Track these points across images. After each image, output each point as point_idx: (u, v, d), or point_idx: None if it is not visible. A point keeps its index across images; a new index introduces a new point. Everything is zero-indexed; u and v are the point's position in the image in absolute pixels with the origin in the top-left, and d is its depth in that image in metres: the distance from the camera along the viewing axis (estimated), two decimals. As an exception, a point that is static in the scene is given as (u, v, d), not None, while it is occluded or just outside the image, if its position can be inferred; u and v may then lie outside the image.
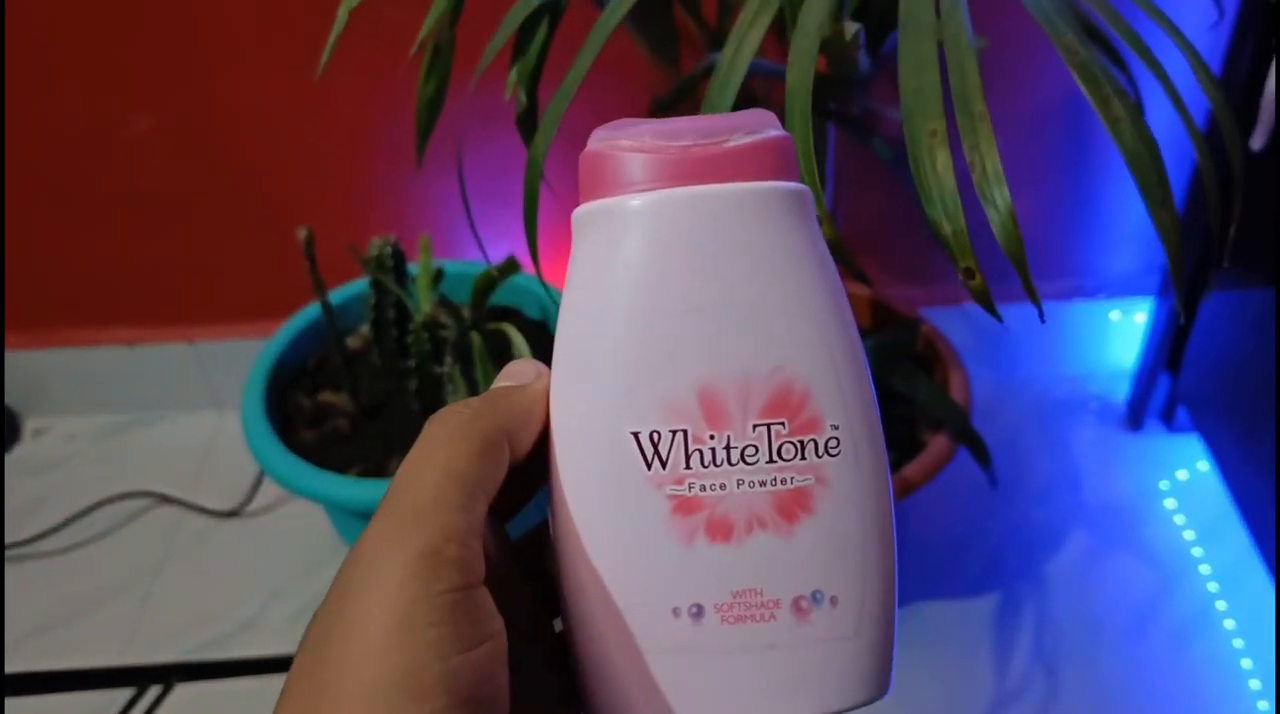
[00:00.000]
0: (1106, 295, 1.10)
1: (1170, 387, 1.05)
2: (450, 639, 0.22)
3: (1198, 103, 0.62)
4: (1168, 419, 1.08)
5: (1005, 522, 1.01)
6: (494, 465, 0.25)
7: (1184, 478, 1.04)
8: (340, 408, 0.90)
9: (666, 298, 0.25)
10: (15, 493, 1.08)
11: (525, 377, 0.28)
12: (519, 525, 0.30)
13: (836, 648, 0.26)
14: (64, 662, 0.89)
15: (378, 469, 0.85)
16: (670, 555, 0.25)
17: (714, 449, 0.25)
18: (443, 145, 0.69)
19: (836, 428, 0.25)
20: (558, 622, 0.28)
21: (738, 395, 0.25)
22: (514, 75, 0.53)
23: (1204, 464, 1.04)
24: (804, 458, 0.25)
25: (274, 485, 1.04)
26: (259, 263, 1.05)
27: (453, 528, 0.23)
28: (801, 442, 0.25)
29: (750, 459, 0.25)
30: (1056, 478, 1.05)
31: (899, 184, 0.94)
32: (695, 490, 0.25)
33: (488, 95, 0.61)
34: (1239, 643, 0.89)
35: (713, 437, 0.25)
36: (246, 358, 0.92)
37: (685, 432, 0.25)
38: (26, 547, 1.01)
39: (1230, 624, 0.91)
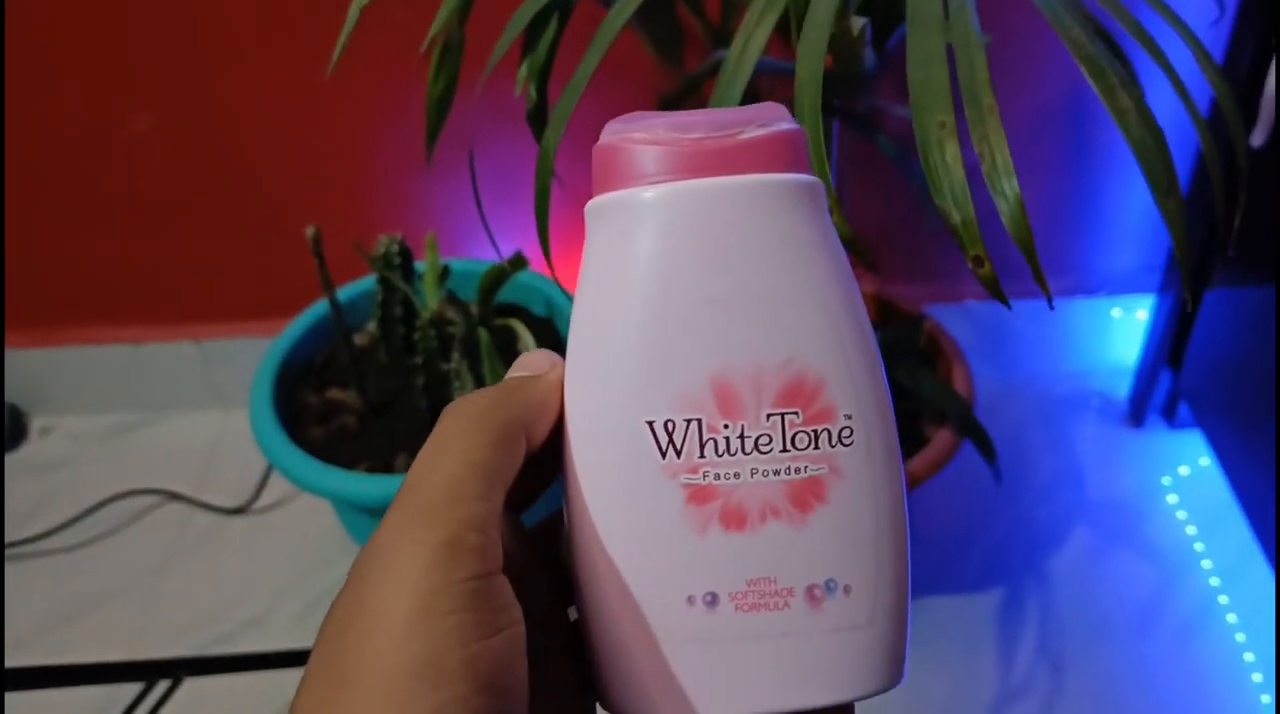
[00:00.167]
0: (1108, 292, 1.10)
1: (1172, 383, 1.05)
2: (470, 627, 0.22)
3: (1199, 96, 0.63)
4: (1169, 415, 1.09)
5: (1008, 518, 1.01)
6: (511, 455, 0.25)
7: (1186, 474, 1.04)
8: (348, 405, 0.91)
9: (680, 289, 0.25)
10: (22, 492, 1.08)
11: (540, 367, 0.28)
12: (532, 515, 0.31)
13: (850, 637, 0.26)
14: (71, 659, 0.89)
15: (385, 465, 0.85)
16: (685, 544, 0.25)
17: (728, 438, 0.25)
18: (450, 143, 0.69)
19: (849, 418, 0.26)
20: (572, 610, 0.29)
21: (751, 385, 0.25)
22: (524, 71, 0.54)
23: (1205, 460, 1.05)
24: (817, 447, 0.25)
25: (281, 482, 1.05)
26: (264, 261, 1.06)
27: (472, 517, 0.23)
28: (815, 431, 0.25)
29: (764, 448, 0.25)
30: (1059, 474, 1.05)
31: (902, 181, 0.95)
32: (709, 479, 0.25)
33: (494, 95, 0.61)
34: (1241, 637, 0.90)
35: (727, 426, 0.25)
36: (252, 356, 0.92)
37: (700, 421, 0.25)
38: (33, 545, 1.02)
39: (1232, 618, 0.91)
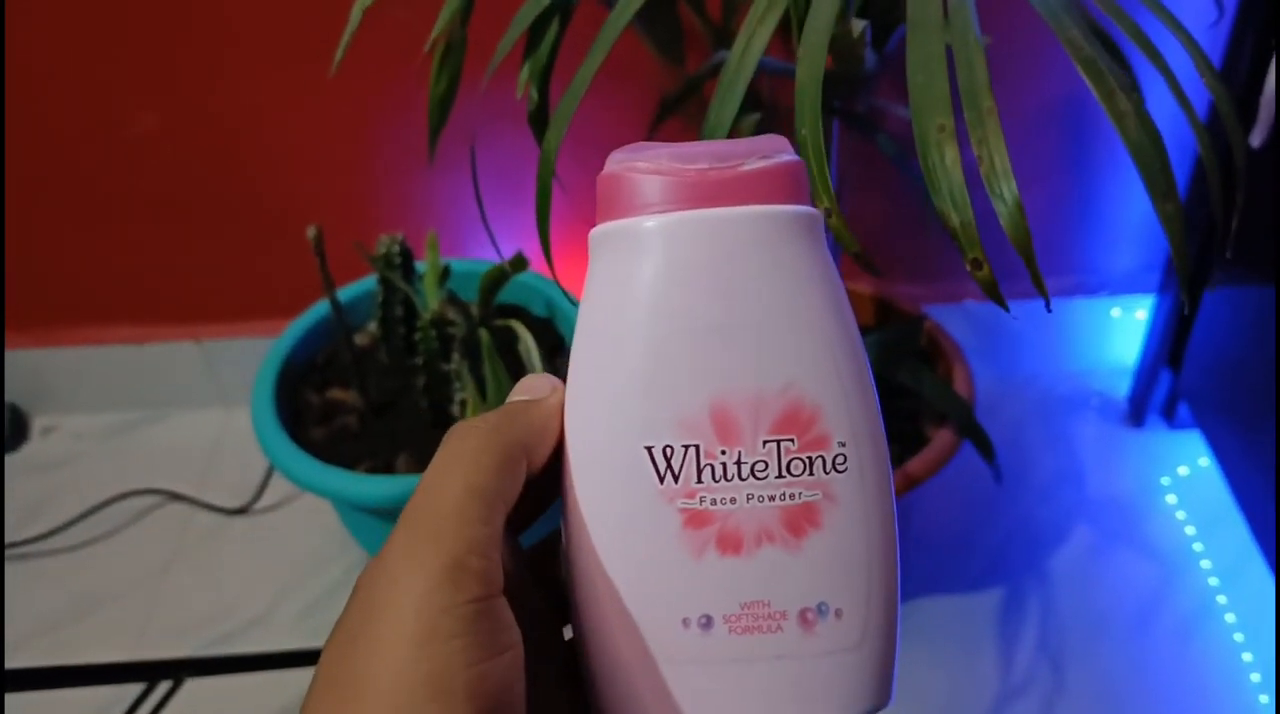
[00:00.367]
0: (1108, 292, 1.11)
1: (1171, 383, 1.06)
2: (474, 648, 0.23)
3: (1198, 98, 0.63)
4: (1169, 415, 1.09)
5: (1008, 517, 1.01)
6: (512, 479, 0.26)
7: (1185, 474, 1.05)
8: (349, 405, 0.91)
9: (681, 317, 0.26)
10: (23, 491, 1.09)
11: (541, 391, 0.28)
12: (530, 534, 0.31)
13: (840, 659, 0.27)
14: (73, 659, 0.89)
15: (386, 466, 0.85)
16: (681, 567, 0.26)
17: (725, 464, 0.26)
18: (451, 143, 0.69)
19: (844, 445, 0.26)
20: (568, 630, 0.29)
21: (749, 412, 0.26)
22: (525, 73, 0.54)
23: (1205, 460, 1.05)
24: (812, 474, 0.26)
25: (282, 482, 1.05)
26: (266, 261, 1.06)
27: (474, 541, 0.24)
28: (810, 458, 0.26)
29: (760, 474, 0.26)
30: (1059, 474, 1.06)
31: (902, 182, 0.95)
32: (706, 504, 0.26)
33: (495, 95, 0.62)
34: (1239, 637, 0.90)
35: (724, 452, 0.26)
36: (253, 356, 0.93)
37: (697, 447, 0.26)
38: (35, 545, 1.02)
39: (1231, 618, 0.92)
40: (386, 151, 0.99)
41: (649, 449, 0.26)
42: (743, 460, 0.26)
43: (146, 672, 0.81)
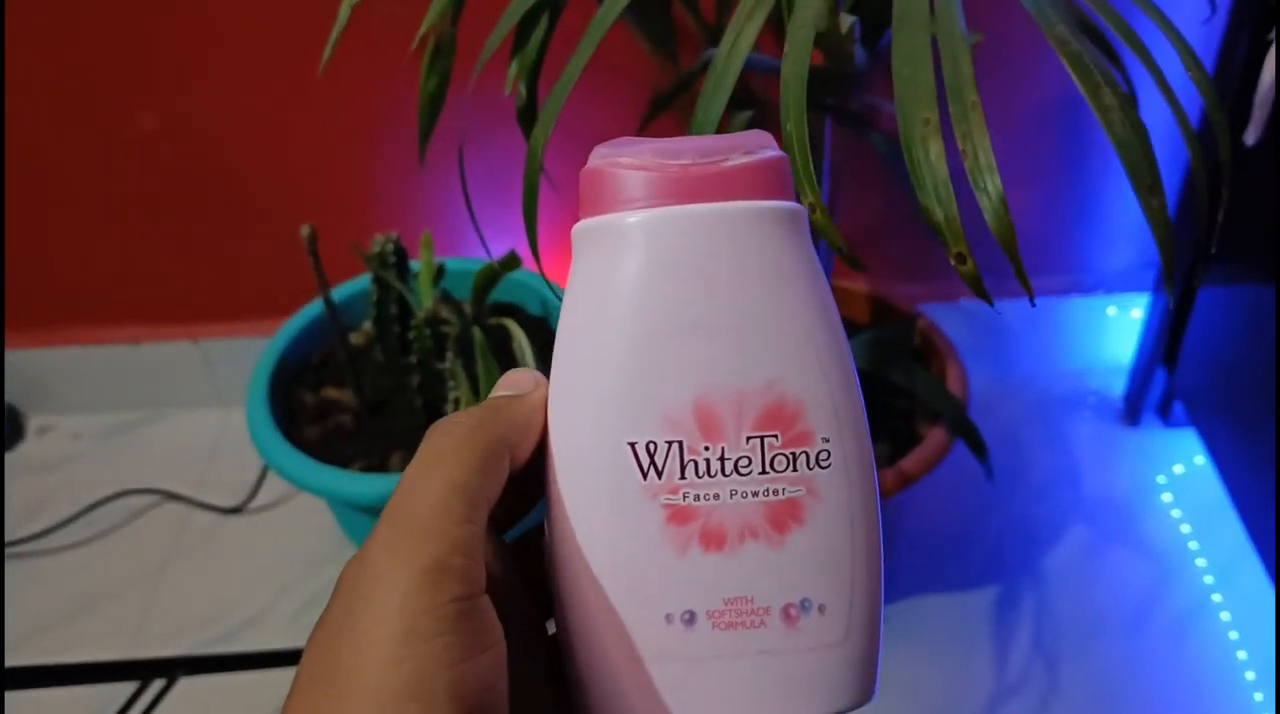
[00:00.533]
0: (1104, 291, 1.11)
1: (1167, 382, 1.06)
2: (456, 648, 0.23)
3: (1194, 96, 0.63)
4: (1164, 414, 1.09)
5: (1004, 516, 1.01)
6: (495, 475, 0.26)
7: (1181, 472, 1.05)
8: (344, 404, 0.91)
9: (664, 312, 0.26)
10: (20, 491, 1.09)
11: (524, 386, 0.28)
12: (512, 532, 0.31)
13: (823, 654, 0.27)
14: (69, 658, 0.89)
15: (381, 464, 0.85)
16: (664, 563, 0.26)
17: (708, 460, 0.26)
18: (445, 142, 0.69)
19: (827, 441, 0.26)
20: (551, 625, 0.29)
21: (732, 408, 0.26)
22: (514, 69, 0.54)
23: (1200, 458, 1.05)
24: (795, 470, 0.26)
25: (278, 482, 1.05)
26: (262, 260, 1.06)
27: (457, 539, 0.24)
28: (793, 454, 0.26)
29: (744, 470, 0.26)
30: (1055, 473, 1.06)
31: (897, 180, 0.95)
32: (690, 500, 0.26)
33: (489, 94, 0.62)
34: (1235, 635, 0.90)
35: (707, 448, 0.26)
36: (251, 355, 0.93)
37: (681, 443, 0.26)
38: (31, 544, 1.02)
39: (1226, 616, 0.91)
40: (381, 151, 0.99)
41: (632, 445, 0.26)
42: (726, 456, 0.26)
43: (140, 670, 0.81)
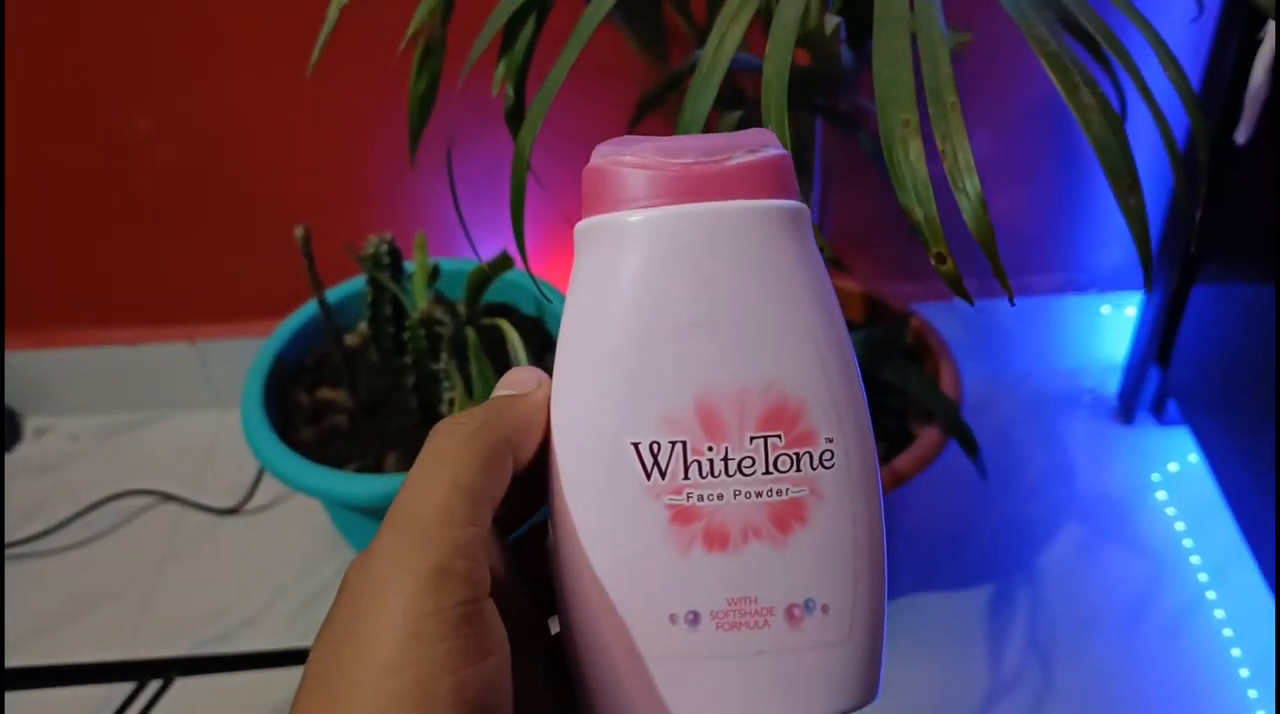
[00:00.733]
0: (1097, 290, 1.11)
1: (1160, 380, 1.06)
2: (459, 653, 0.23)
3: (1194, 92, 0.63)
4: (1158, 412, 1.09)
5: (999, 515, 1.02)
6: (498, 476, 0.26)
7: (1175, 470, 1.05)
8: (339, 404, 0.91)
9: (667, 312, 0.26)
10: (17, 492, 1.09)
11: (526, 385, 0.28)
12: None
13: (827, 654, 0.27)
14: (67, 659, 0.90)
15: (376, 465, 0.86)
16: (668, 564, 0.26)
17: (712, 460, 0.26)
18: (438, 143, 0.70)
19: (830, 441, 0.26)
20: (554, 622, 0.29)
21: (735, 408, 0.26)
22: (501, 70, 0.54)
23: (1194, 456, 1.05)
24: (799, 470, 0.26)
25: (274, 483, 1.05)
26: (259, 262, 1.06)
27: (461, 542, 0.24)
28: (797, 454, 0.26)
29: (747, 470, 0.26)
30: (1049, 471, 1.06)
31: (888, 180, 0.95)
32: (693, 500, 0.26)
33: (481, 94, 0.62)
34: (1229, 632, 0.90)
35: (711, 448, 0.26)
36: (247, 356, 0.93)
37: (684, 443, 0.26)
38: (29, 545, 1.02)
39: (1220, 614, 0.92)
40: (375, 152, 0.99)
41: (635, 445, 0.26)
42: (730, 457, 0.26)
43: (137, 671, 0.82)
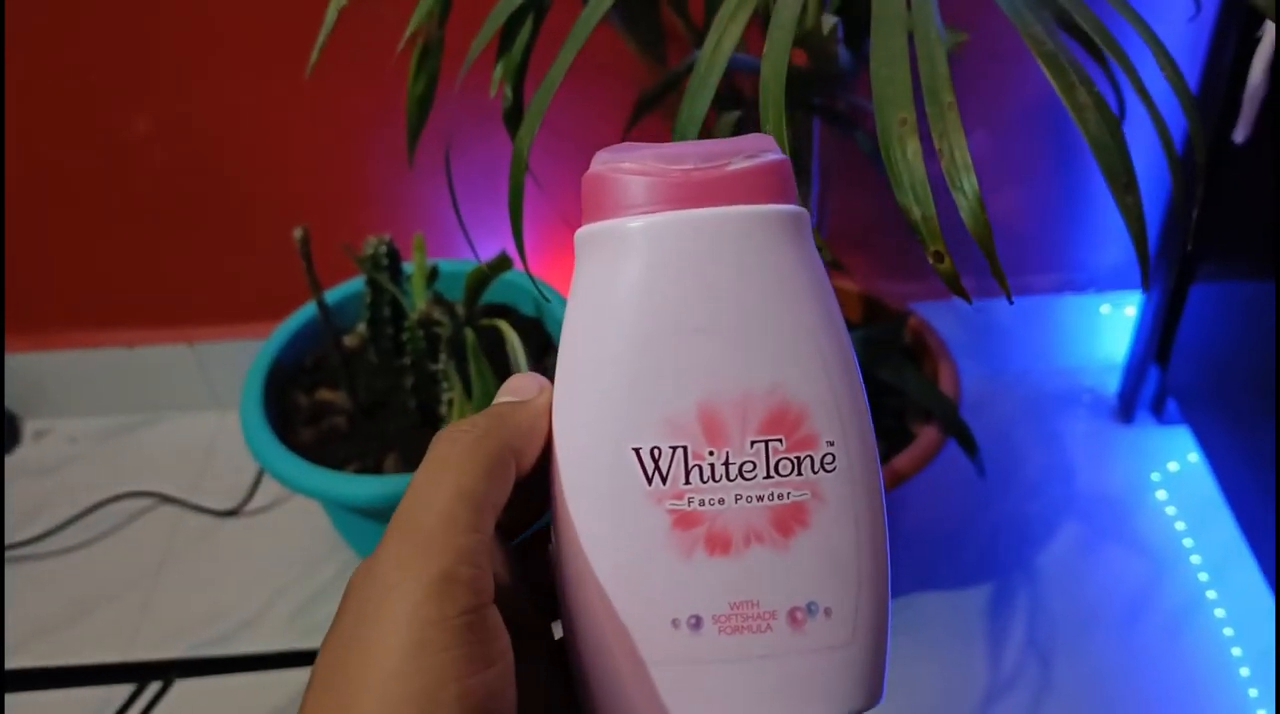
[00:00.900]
0: (1097, 289, 1.11)
1: (1160, 379, 1.06)
2: (464, 661, 0.23)
3: (1191, 91, 0.63)
4: (1158, 412, 1.09)
5: (998, 514, 1.02)
6: (502, 483, 0.26)
7: (1175, 469, 1.05)
8: (338, 406, 0.91)
9: (667, 317, 0.26)
10: (17, 495, 1.09)
11: (528, 391, 0.28)
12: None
13: (830, 657, 0.27)
14: (66, 661, 0.90)
15: (376, 466, 0.86)
16: (670, 568, 0.26)
17: (713, 465, 0.26)
18: (436, 144, 0.70)
19: (832, 444, 0.26)
20: (558, 626, 0.29)
21: (736, 413, 0.26)
22: (499, 71, 0.54)
23: (1194, 455, 1.05)
24: (800, 474, 0.26)
25: (273, 485, 1.05)
26: (257, 263, 1.06)
27: (465, 550, 0.24)
28: (798, 458, 0.26)
29: (748, 475, 0.26)
30: (1049, 470, 1.06)
31: (886, 179, 0.95)
32: (695, 505, 0.26)
33: (480, 95, 0.62)
34: (1229, 631, 0.90)
35: (712, 453, 0.26)
36: (246, 358, 0.93)
37: (685, 448, 0.26)
38: (28, 547, 1.02)
39: (1220, 613, 0.92)
40: (373, 153, 0.99)
41: (636, 450, 0.26)
42: (730, 461, 0.26)
43: (136, 673, 0.82)
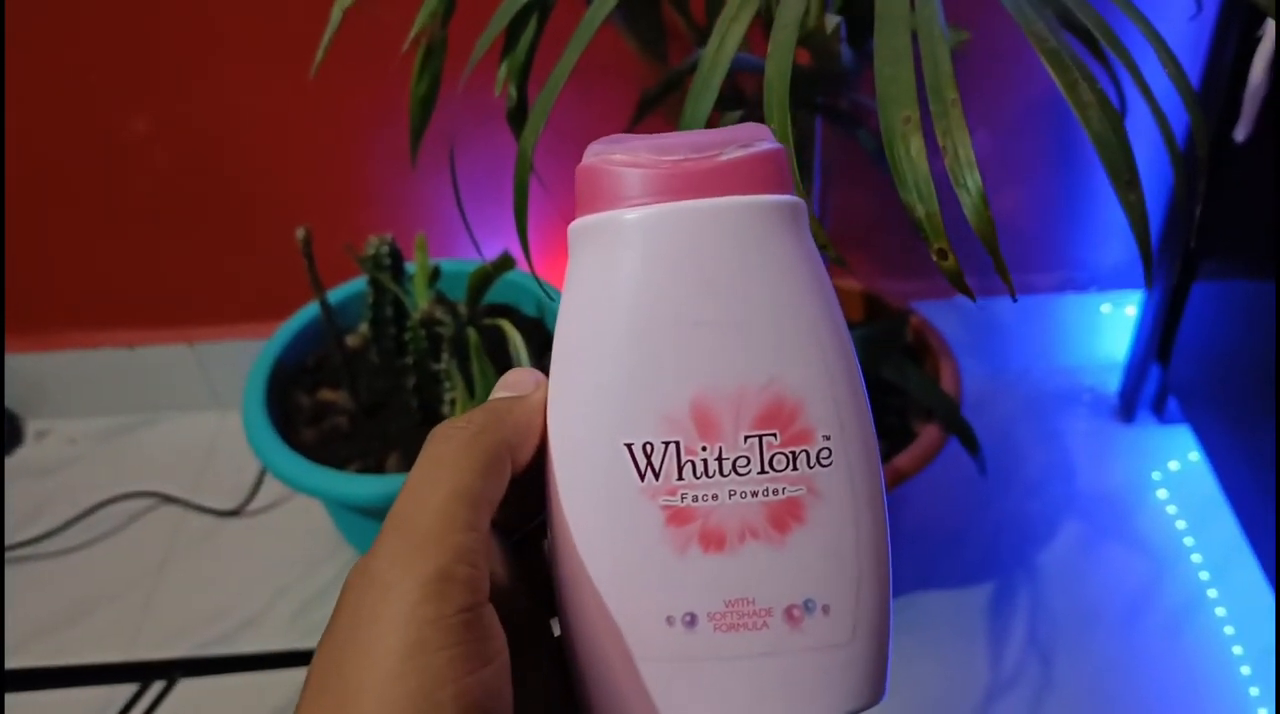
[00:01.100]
0: (1097, 288, 1.11)
1: (1161, 378, 1.06)
2: (461, 660, 0.23)
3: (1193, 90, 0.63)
4: (1159, 410, 1.09)
5: (999, 512, 1.02)
6: (498, 480, 0.26)
7: (1175, 468, 1.05)
8: (340, 405, 0.91)
9: (661, 311, 0.25)
10: (18, 495, 1.09)
11: (524, 387, 0.28)
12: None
13: (829, 656, 0.26)
14: (68, 660, 0.90)
15: (377, 465, 0.86)
16: (664, 565, 0.26)
17: (706, 460, 0.25)
18: (439, 144, 0.70)
19: (829, 439, 0.26)
20: (556, 622, 0.29)
21: (730, 407, 0.25)
22: (504, 71, 0.54)
23: (1195, 454, 1.05)
24: (795, 469, 0.26)
25: (275, 484, 1.05)
26: (258, 264, 1.06)
27: (461, 548, 0.24)
28: (793, 453, 0.26)
29: (742, 470, 0.25)
30: (1050, 469, 1.06)
31: (886, 178, 0.96)
32: (688, 501, 0.25)
33: (483, 95, 0.62)
34: (1230, 630, 0.90)
35: (705, 448, 0.25)
36: (246, 358, 0.93)
37: (678, 443, 0.25)
38: (30, 547, 1.02)
39: (1221, 612, 0.92)
40: (375, 153, 0.99)
41: (629, 446, 0.25)
42: (724, 456, 0.25)
43: (140, 672, 0.82)
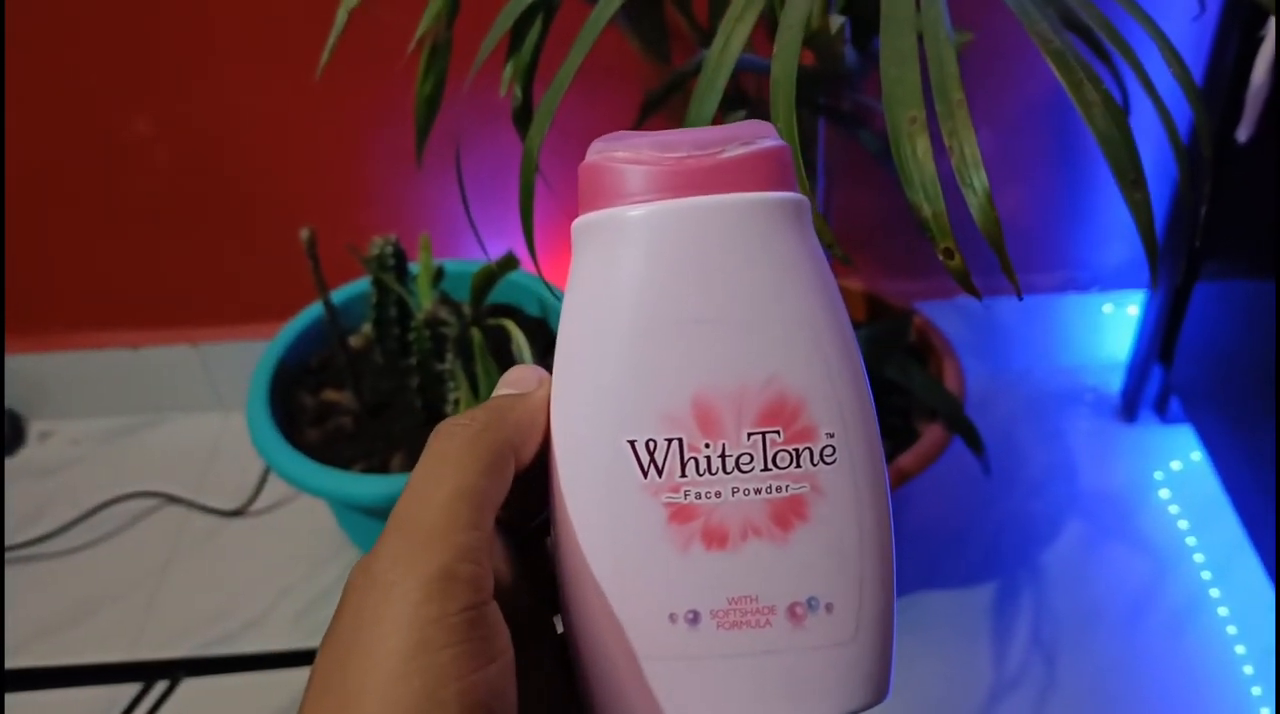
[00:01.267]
0: (1100, 288, 1.11)
1: (1163, 378, 1.06)
2: (465, 658, 0.23)
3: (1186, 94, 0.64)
4: (1161, 410, 1.09)
5: (1002, 512, 1.02)
6: (501, 478, 0.25)
7: (1178, 468, 1.05)
8: (344, 406, 0.91)
9: (664, 308, 0.25)
10: (21, 496, 1.09)
11: (527, 384, 0.28)
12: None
13: (832, 653, 0.26)
14: (71, 660, 0.90)
15: (381, 466, 0.86)
16: (667, 562, 0.26)
17: (709, 457, 0.25)
18: (443, 144, 0.70)
19: (832, 436, 0.26)
20: (559, 620, 0.29)
21: (733, 405, 0.25)
22: (509, 71, 0.54)
23: (1197, 454, 1.05)
24: (799, 466, 0.26)
25: (278, 484, 1.05)
26: (262, 264, 1.06)
27: (464, 547, 0.24)
28: (796, 450, 0.26)
29: (745, 468, 0.25)
30: (1052, 469, 1.06)
31: (890, 178, 0.96)
32: (691, 498, 0.26)
33: (487, 95, 0.62)
34: (1232, 630, 0.90)
35: (707, 445, 0.25)
36: (250, 359, 0.93)
37: (680, 440, 0.25)
38: (33, 548, 1.03)
39: (1224, 611, 0.92)
40: (379, 153, 0.99)
41: (631, 443, 0.25)
42: (726, 454, 0.25)
43: (143, 672, 0.82)
